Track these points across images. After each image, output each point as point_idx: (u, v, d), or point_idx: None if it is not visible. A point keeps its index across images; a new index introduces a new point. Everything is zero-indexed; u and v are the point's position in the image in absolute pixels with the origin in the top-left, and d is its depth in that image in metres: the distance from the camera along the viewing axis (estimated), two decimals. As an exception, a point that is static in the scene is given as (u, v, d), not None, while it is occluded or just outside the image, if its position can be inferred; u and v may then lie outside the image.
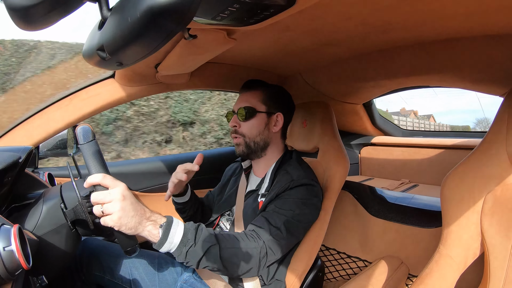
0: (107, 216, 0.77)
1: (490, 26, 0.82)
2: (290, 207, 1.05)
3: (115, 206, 0.76)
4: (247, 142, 1.21)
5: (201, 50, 0.94)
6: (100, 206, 0.77)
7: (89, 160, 0.80)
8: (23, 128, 1.12)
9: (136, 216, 0.79)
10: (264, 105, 1.21)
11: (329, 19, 0.82)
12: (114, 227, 0.77)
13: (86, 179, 0.82)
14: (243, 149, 1.21)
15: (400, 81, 1.27)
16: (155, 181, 1.74)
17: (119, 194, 0.77)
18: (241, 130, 1.21)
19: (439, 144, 1.89)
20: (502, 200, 0.81)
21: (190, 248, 0.85)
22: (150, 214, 0.83)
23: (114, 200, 0.76)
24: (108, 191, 0.77)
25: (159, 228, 0.83)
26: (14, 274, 0.59)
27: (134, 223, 0.78)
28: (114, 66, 0.49)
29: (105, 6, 0.43)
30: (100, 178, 0.78)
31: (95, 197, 0.77)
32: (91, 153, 0.80)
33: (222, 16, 0.61)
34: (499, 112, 0.87)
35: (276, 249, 1.01)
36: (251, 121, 1.20)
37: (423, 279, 0.89)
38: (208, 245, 0.88)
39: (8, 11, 0.38)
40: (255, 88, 1.24)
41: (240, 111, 1.20)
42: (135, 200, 0.80)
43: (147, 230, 0.81)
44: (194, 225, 0.90)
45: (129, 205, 0.78)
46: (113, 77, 1.20)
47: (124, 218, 0.77)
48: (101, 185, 0.78)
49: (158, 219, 0.84)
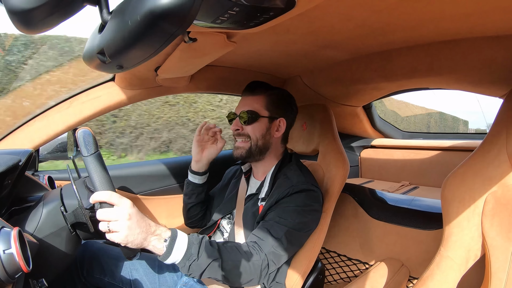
0: (114, 233, 0.78)
1: (490, 27, 0.82)
2: (291, 216, 1.05)
3: (121, 225, 0.77)
4: (251, 145, 1.19)
5: (201, 53, 0.94)
6: (106, 223, 0.78)
7: (94, 174, 0.79)
8: (23, 131, 1.12)
9: (141, 233, 0.80)
10: (267, 111, 1.19)
11: (328, 21, 0.83)
12: (120, 243, 0.79)
13: (86, 181, 0.82)
14: (241, 152, 1.20)
15: (399, 83, 1.27)
16: (156, 184, 1.74)
17: (126, 213, 0.78)
18: (244, 132, 1.19)
19: (439, 146, 1.89)
20: (503, 201, 0.81)
21: (193, 262, 0.87)
22: (155, 229, 0.84)
23: (120, 219, 0.78)
24: (115, 210, 0.78)
25: (163, 242, 0.85)
26: (14, 277, 0.59)
27: (140, 240, 0.80)
28: (114, 69, 0.49)
29: (105, 9, 0.43)
30: (107, 197, 0.78)
31: (101, 215, 0.78)
32: (95, 167, 0.79)
33: (222, 19, 0.61)
34: (499, 113, 0.87)
35: (278, 259, 1.02)
36: (253, 125, 1.18)
37: (424, 281, 0.88)
38: (211, 259, 0.89)
39: (8, 14, 0.38)
40: (258, 92, 1.21)
41: (242, 114, 1.18)
42: (140, 217, 0.82)
43: (152, 245, 0.83)
44: (198, 239, 0.91)
45: (135, 223, 0.79)
46: (113, 80, 1.21)
47: (130, 236, 0.78)
48: (108, 203, 0.79)
49: (163, 233, 0.85)
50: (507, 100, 0.86)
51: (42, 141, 1.12)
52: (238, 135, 1.20)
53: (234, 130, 1.21)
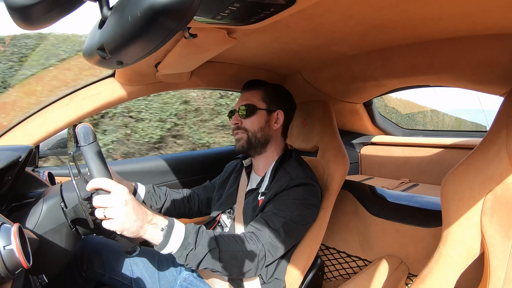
0: (110, 220, 0.77)
1: (490, 26, 0.82)
2: (289, 209, 1.06)
3: (117, 211, 0.77)
4: (249, 136, 1.22)
5: (201, 49, 0.93)
6: (102, 210, 0.77)
7: (90, 162, 0.79)
8: (23, 127, 1.12)
9: (138, 220, 0.80)
10: (264, 103, 1.23)
11: (329, 18, 0.82)
12: (116, 231, 0.78)
13: (86, 178, 0.82)
14: (243, 144, 1.22)
15: (400, 80, 1.27)
16: (156, 180, 1.75)
17: (122, 199, 0.78)
18: (243, 125, 1.23)
19: (439, 143, 1.89)
20: (502, 200, 0.81)
21: (190, 251, 0.87)
22: (151, 217, 0.84)
23: (116, 205, 0.77)
24: (111, 196, 0.78)
25: (160, 231, 0.84)
26: (14, 273, 0.59)
27: (136, 227, 0.79)
28: (114, 65, 0.49)
29: (105, 5, 0.43)
30: (103, 183, 0.78)
31: (97, 201, 0.77)
32: (92, 155, 0.80)
33: (223, 15, 0.61)
34: (499, 111, 0.87)
35: (275, 251, 1.02)
36: (251, 118, 1.22)
37: (423, 278, 0.89)
38: (208, 249, 0.89)
39: (8, 10, 0.38)
40: (255, 87, 1.26)
41: (241, 108, 1.22)
42: (136, 204, 0.81)
43: (148, 234, 0.83)
44: (195, 228, 0.91)
45: (131, 210, 0.79)
46: (113, 76, 1.20)
47: (126, 223, 0.78)
48: (103, 189, 0.79)
49: (160, 222, 0.85)
50: (508, 98, 0.86)
51: (42, 137, 1.12)
52: (238, 129, 1.24)
53: (233, 124, 1.24)
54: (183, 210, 1.36)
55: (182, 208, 1.36)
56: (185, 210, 1.37)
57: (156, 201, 1.27)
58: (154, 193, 1.27)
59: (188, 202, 1.38)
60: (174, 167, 1.81)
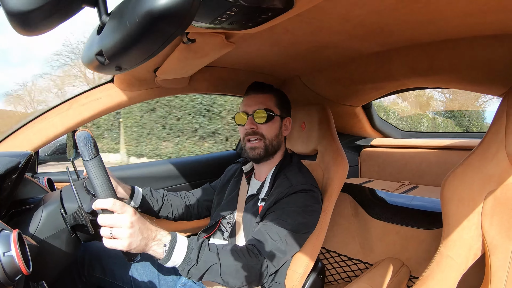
0: (116, 240, 0.78)
1: (488, 27, 0.82)
2: (290, 217, 1.05)
3: (124, 233, 0.77)
4: (266, 144, 1.18)
5: (200, 54, 0.94)
6: (109, 229, 0.78)
7: (95, 180, 0.77)
8: (22, 133, 1.12)
9: (143, 239, 0.81)
10: (278, 109, 1.21)
11: (327, 22, 0.83)
12: (122, 250, 0.79)
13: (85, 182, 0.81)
14: (260, 153, 1.18)
15: (398, 82, 1.28)
16: (159, 184, 1.74)
17: (128, 221, 0.78)
18: (260, 130, 1.18)
19: (438, 145, 1.89)
20: (502, 200, 0.81)
21: (192, 266, 0.87)
22: (155, 234, 0.84)
23: (123, 227, 0.77)
24: (118, 217, 0.78)
25: (163, 247, 0.85)
26: (14, 279, 0.59)
27: (141, 246, 0.80)
28: (113, 70, 0.49)
29: (103, 11, 0.43)
30: (110, 204, 0.78)
31: (103, 221, 0.77)
32: (96, 172, 0.78)
33: (221, 20, 0.61)
34: (497, 112, 0.87)
35: (277, 262, 1.02)
36: (269, 123, 1.18)
37: (424, 280, 0.88)
38: (210, 264, 0.89)
39: (7, 16, 0.38)
40: (267, 91, 1.21)
41: (259, 113, 1.16)
42: (142, 224, 0.82)
43: (152, 250, 0.83)
44: (197, 244, 0.91)
45: (137, 231, 0.79)
46: (112, 82, 1.21)
47: (133, 243, 0.78)
48: (110, 210, 0.78)
49: (163, 238, 0.85)
50: (506, 98, 0.86)
51: (41, 143, 1.13)
52: (253, 134, 1.18)
53: (249, 129, 1.18)
54: (182, 213, 1.35)
55: (181, 211, 1.35)
56: (184, 213, 1.35)
57: (153, 204, 1.26)
58: (151, 197, 1.26)
59: (187, 205, 1.37)
60: (174, 173, 1.81)
